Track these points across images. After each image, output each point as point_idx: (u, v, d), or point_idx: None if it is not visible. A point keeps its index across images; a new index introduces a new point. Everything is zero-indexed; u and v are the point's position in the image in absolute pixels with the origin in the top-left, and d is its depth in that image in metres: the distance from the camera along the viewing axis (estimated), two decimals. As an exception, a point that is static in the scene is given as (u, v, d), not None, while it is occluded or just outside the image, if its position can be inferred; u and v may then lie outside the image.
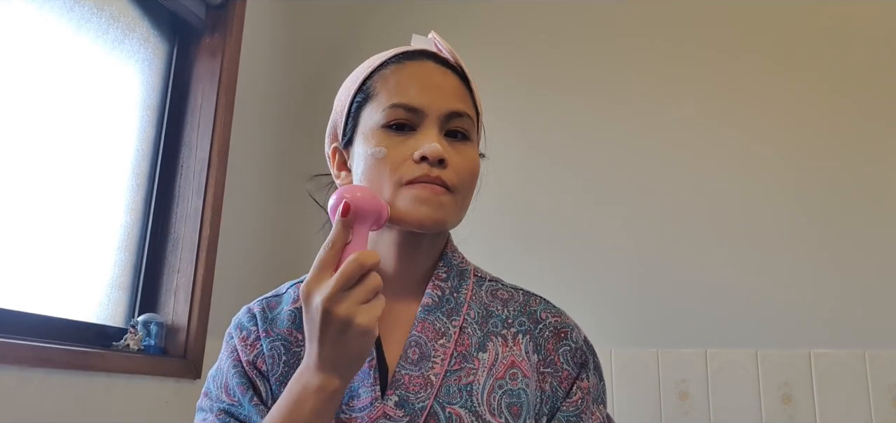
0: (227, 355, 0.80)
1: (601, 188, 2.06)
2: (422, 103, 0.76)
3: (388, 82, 0.78)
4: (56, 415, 1.44)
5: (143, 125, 1.89)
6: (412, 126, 0.76)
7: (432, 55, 0.82)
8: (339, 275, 0.64)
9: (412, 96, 0.76)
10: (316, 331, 0.65)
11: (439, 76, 0.79)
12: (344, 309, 0.64)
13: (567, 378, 0.79)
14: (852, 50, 1.95)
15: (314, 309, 0.65)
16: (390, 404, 0.72)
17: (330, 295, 0.64)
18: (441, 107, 0.77)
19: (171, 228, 1.89)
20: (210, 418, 0.76)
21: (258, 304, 0.83)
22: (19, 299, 1.50)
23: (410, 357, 0.75)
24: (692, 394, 1.84)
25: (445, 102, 0.77)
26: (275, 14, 2.28)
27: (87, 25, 1.71)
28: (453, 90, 0.79)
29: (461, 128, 0.78)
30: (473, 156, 0.79)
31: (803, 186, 1.90)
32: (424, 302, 0.79)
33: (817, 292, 1.82)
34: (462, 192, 0.77)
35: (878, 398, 1.72)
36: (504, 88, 2.18)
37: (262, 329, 0.80)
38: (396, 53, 0.82)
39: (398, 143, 0.75)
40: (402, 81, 0.78)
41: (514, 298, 0.84)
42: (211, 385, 0.80)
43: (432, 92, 0.77)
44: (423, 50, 0.82)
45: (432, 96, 0.77)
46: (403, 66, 0.80)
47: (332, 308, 0.64)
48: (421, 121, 0.76)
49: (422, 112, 0.76)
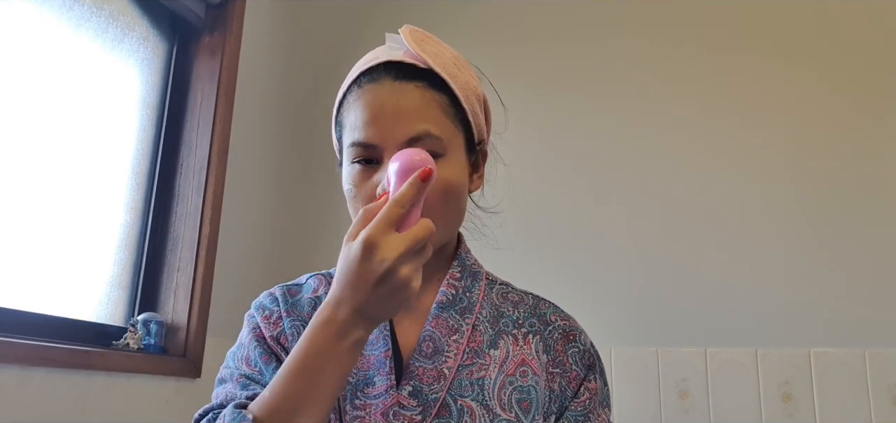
0: (248, 332, 0.82)
1: (601, 187, 2.06)
2: (377, 138, 0.76)
3: (350, 113, 0.79)
4: (56, 414, 1.44)
5: (142, 124, 1.89)
6: (376, 159, 0.77)
7: (394, 67, 0.78)
8: (412, 236, 0.65)
9: (367, 133, 0.76)
10: (371, 282, 0.64)
11: (395, 98, 0.76)
12: (408, 270, 0.64)
13: (575, 379, 0.81)
14: (853, 50, 1.95)
15: (377, 262, 0.64)
16: (405, 393, 0.75)
17: (401, 254, 0.64)
18: (397, 137, 0.75)
19: (171, 227, 1.89)
20: (229, 385, 0.77)
21: (279, 288, 0.85)
22: (19, 298, 1.50)
23: (424, 351, 0.77)
24: (692, 393, 1.84)
25: (401, 129, 0.75)
26: (274, 13, 2.27)
27: (86, 24, 1.71)
28: (412, 110, 0.76)
29: (426, 149, 0.74)
30: (446, 173, 0.76)
31: (803, 185, 1.90)
32: (438, 300, 0.81)
33: (817, 290, 1.83)
34: (446, 207, 0.77)
35: (878, 396, 1.72)
36: (503, 88, 2.17)
37: (283, 310, 0.82)
38: (358, 74, 0.80)
39: (364, 178, 0.77)
40: (359, 113, 0.78)
41: (524, 301, 0.87)
42: (230, 361, 0.81)
43: (386, 122, 0.76)
44: (384, 63, 0.79)
45: (386, 128, 0.75)
46: (362, 92, 0.78)
47: (399, 267, 0.64)
48: (380, 155, 0.76)
49: (379, 148, 0.76)
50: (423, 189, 0.67)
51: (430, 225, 0.66)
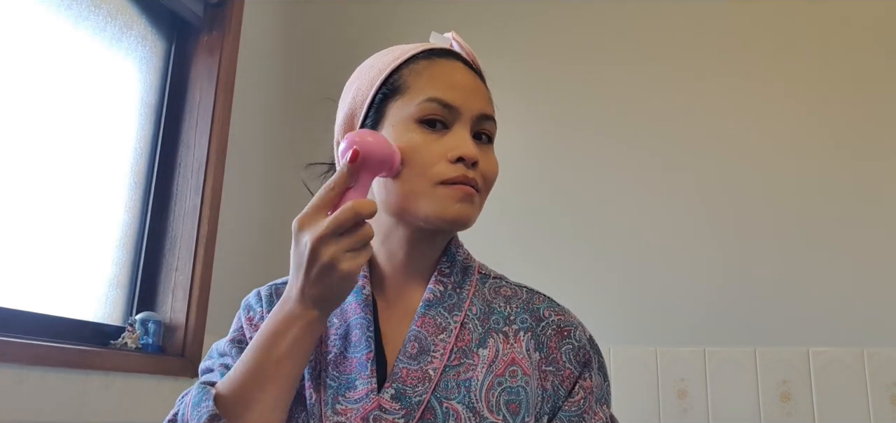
0: (233, 329, 0.84)
1: (599, 187, 2.06)
2: (457, 101, 0.76)
3: (421, 77, 0.78)
4: (54, 414, 1.44)
5: (141, 123, 1.88)
6: (445, 124, 0.76)
7: (458, 56, 0.82)
8: (333, 219, 0.66)
9: (448, 94, 0.76)
10: (302, 266, 0.67)
11: (469, 78, 0.80)
12: (330, 252, 0.66)
13: (569, 377, 0.77)
14: (853, 49, 1.95)
15: (303, 245, 0.67)
16: (386, 397, 0.72)
17: (320, 236, 0.66)
18: (474, 108, 0.77)
19: (169, 226, 1.89)
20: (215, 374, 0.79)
21: (267, 288, 0.85)
22: (17, 298, 1.50)
23: (409, 351, 0.75)
24: (691, 392, 1.84)
25: (478, 103, 0.78)
26: (273, 12, 2.27)
27: (84, 22, 1.71)
28: (482, 93, 0.80)
29: (487, 131, 0.80)
30: (496, 160, 0.80)
31: (802, 184, 1.90)
32: (426, 297, 0.78)
33: (815, 290, 1.83)
34: (485, 194, 0.80)
35: (877, 395, 1.72)
36: (503, 86, 2.17)
37: (266, 309, 0.82)
38: (425, 49, 0.81)
39: (432, 140, 0.75)
40: (436, 77, 0.78)
41: (518, 295, 0.83)
42: (214, 352, 0.83)
43: (465, 92, 0.78)
44: (449, 50, 0.82)
45: (466, 96, 0.77)
46: (434, 63, 0.79)
47: (320, 249, 0.66)
48: (454, 119, 0.76)
49: (457, 110, 0.76)
50: (354, 171, 0.69)
51: (355, 207, 0.66)
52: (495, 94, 0.84)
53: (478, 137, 0.78)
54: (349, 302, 0.79)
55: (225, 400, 0.70)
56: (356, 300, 0.79)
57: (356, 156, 0.69)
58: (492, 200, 0.83)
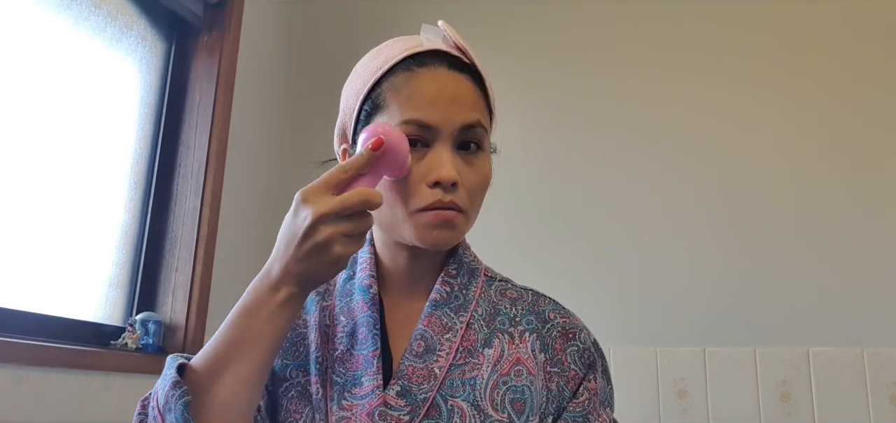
0: None
1: (599, 187, 2.06)
2: (435, 120, 0.73)
3: (400, 94, 0.75)
4: (54, 414, 1.44)
5: (141, 123, 1.88)
6: (425, 142, 0.74)
7: (444, 56, 0.77)
8: (342, 199, 0.65)
9: (425, 112, 0.73)
10: (295, 238, 0.66)
11: (453, 84, 0.75)
12: (328, 232, 0.65)
13: (574, 379, 0.78)
14: (854, 50, 1.95)
15: (302, 217, 0.66)
16: (392, 393, 0.72)
17: (324, 212, 0.64)
18: (455, 121, 0.74)
19: (169, 226, 1.89)
20: None
21: None
22: (17, 298, 1.50)
23: (415, 349, 0.75)
24: (691, 392, 1.84)
25: (459, 114, 0.74)
26: (272, 12, 2.27)
27: (84, 22, 1.71)
28: (467, 98, 0.76)
29: (475, 139, 0.76)
30: (485, 167, 0.78)
31: (802, 184, 1.90)
32: (432, 298, 0.79)
33: (815, 289, 1.83)
34: (474, 207, 0.77)
35: (877, 395, 1.72)
36: (503, 86, 2.17)
37: None
38: (406, 57, 0.77)
39: (412, 162, 0.74)
40: (414, 92, 0.74)
41: (523, 297, 0.84)
42: None
43: (445, 105, 0.74)
44: (435, 51, 0.78)
45: (445, 110, 0.74)
46: (414, 74, 0.75)
47: (319, 225, 0.65)
48: (434, 138, 0.74)
49: (436, 130, 0.74)
50: (372, 159, 0.68)
51: (365, 194, 0.66)
52: (495, 93, 0.83)
53: (465, 146, 0.76)
54: (356, 301, 0.80)
55: (194, 374, 0.69)
56: (363, 299, 0.79)
57: (379, 144, 0.68)
58: (492, 201, 0.83)
